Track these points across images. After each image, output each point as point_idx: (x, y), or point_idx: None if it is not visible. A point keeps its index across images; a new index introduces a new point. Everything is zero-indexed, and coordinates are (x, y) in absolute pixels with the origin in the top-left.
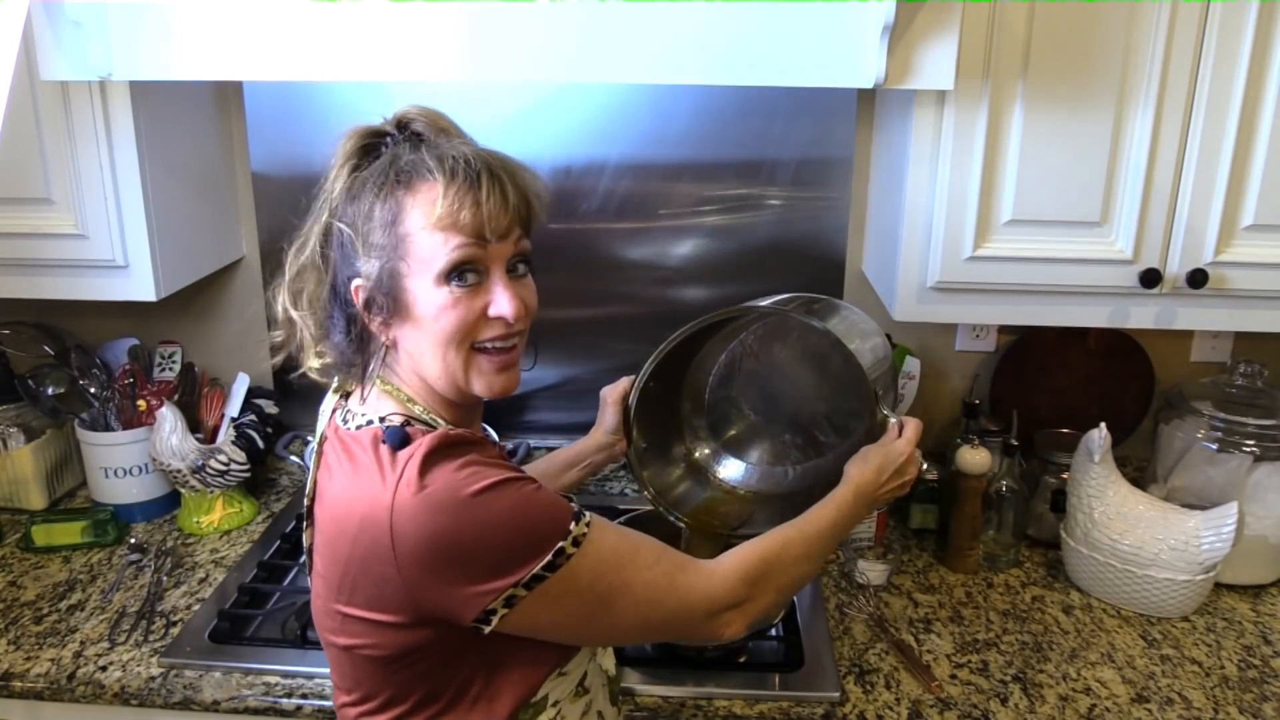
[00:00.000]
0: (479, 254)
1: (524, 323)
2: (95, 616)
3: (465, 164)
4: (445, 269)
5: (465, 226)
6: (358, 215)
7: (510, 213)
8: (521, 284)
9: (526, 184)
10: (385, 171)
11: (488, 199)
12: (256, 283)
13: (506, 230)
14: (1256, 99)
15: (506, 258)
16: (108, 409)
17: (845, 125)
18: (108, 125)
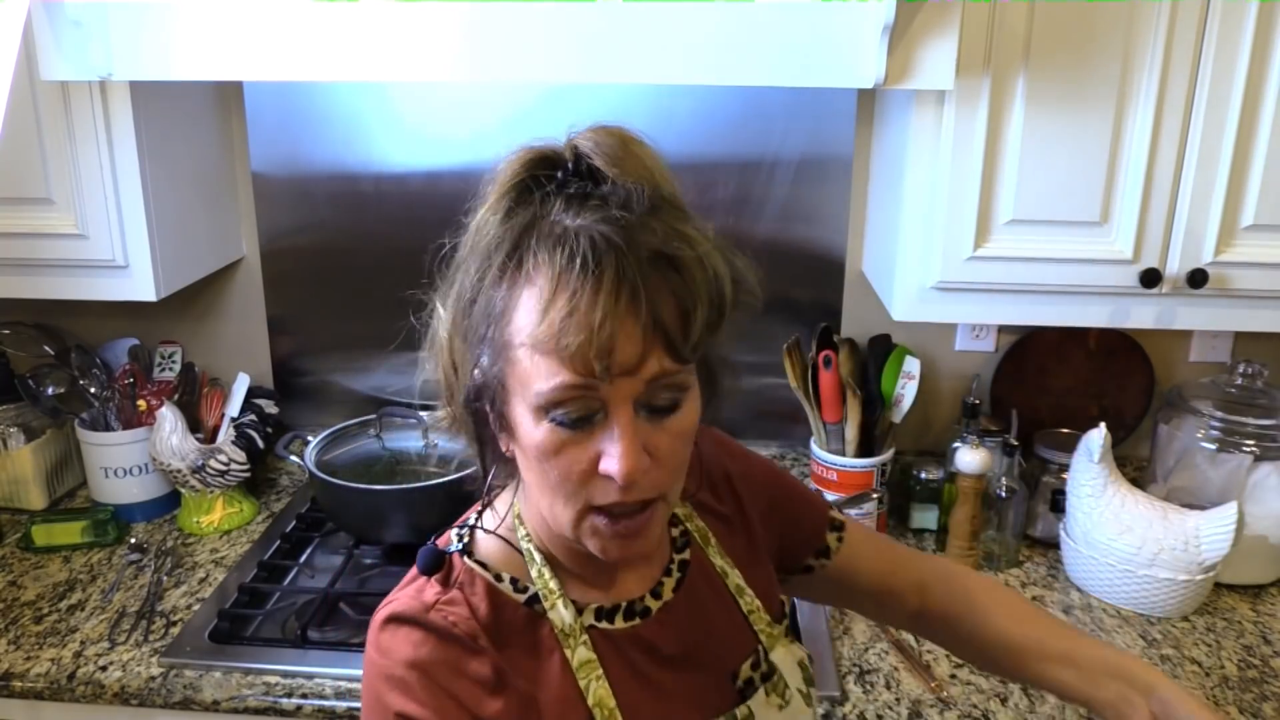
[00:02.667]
0: (583, 392)
1: (654, 483)
2: (95, 616)
3: (590, 251)
4: (541, 405)
5: (569, 356)
6: (471, 282)
7: (643, 335)
8: (659, 427)
9: (694, 285)
10: (510, 238)
11: (604, 320)
12: (257, 283)
13: (636, 362)
14: (1256, 99)
15: (635, 396)
16: (108, 409)
17: (845, 125)
18: (108, 125)
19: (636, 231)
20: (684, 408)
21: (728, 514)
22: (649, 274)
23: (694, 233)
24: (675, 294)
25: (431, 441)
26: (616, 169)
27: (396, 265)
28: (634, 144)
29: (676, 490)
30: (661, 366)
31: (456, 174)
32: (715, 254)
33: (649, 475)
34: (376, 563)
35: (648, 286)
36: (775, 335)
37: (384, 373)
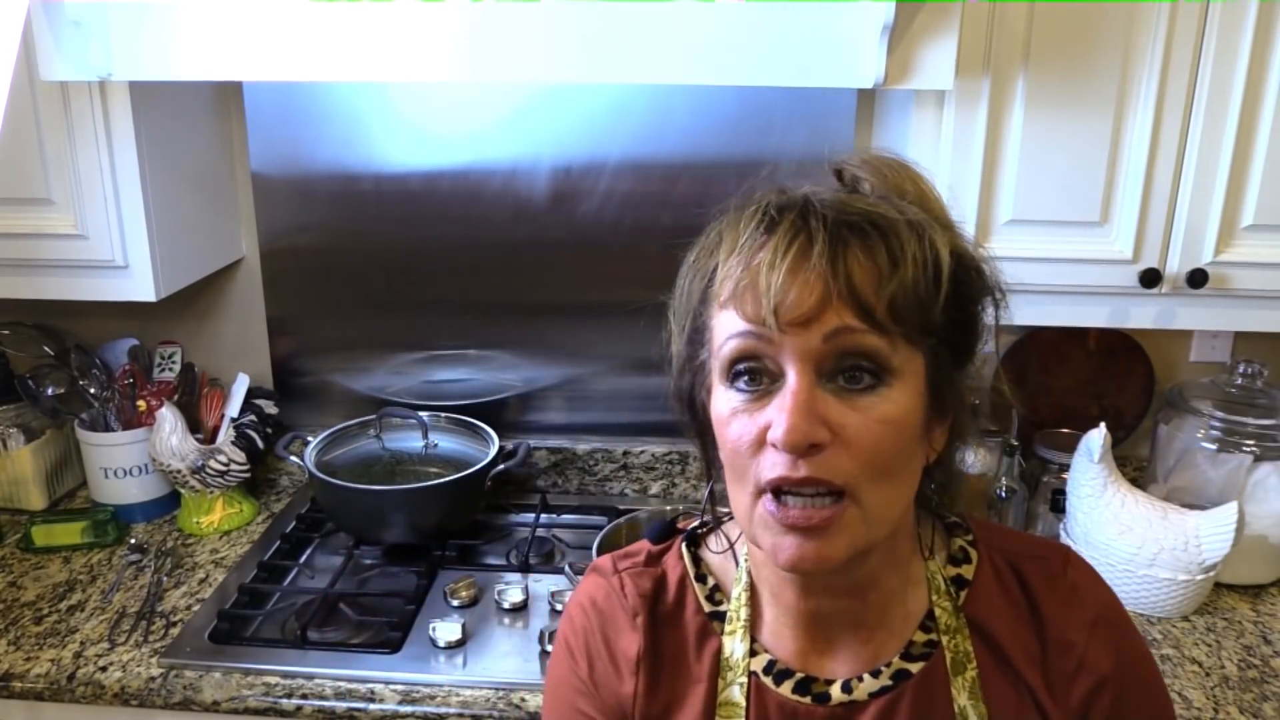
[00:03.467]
0: (757, 346)
1: (834, 466)
2: (95, 617)
3: (775, 206)
4: (723, 368)
5: (744, 303)
6: (682, 270)
7: (823, 285)
8: (849, 403)
9: (899, 246)
10: (722, 210)
11: (776, 261)
12: (256, 283)
13: (811, 312)
14: (1256, 99)
15: (814, 355)
16: (108, 409)
17: (845, 125)
18: (107, 125)
19: (847, 197)
20: (886, 394)
21: (1022, 670)
22: (842, 229)
23: (920, 215)
24: (872, 250)
25: (431, 442)
26: (878, 181)
27: (396, 265)
28: (903, 166)
29: (876, 495)
30: (843, 321)
31: (457, 174)
32: (941, 232)
33: (828, 453)
34: (376, 563)
35: (835, 239)
36: None
37: (384, 373)
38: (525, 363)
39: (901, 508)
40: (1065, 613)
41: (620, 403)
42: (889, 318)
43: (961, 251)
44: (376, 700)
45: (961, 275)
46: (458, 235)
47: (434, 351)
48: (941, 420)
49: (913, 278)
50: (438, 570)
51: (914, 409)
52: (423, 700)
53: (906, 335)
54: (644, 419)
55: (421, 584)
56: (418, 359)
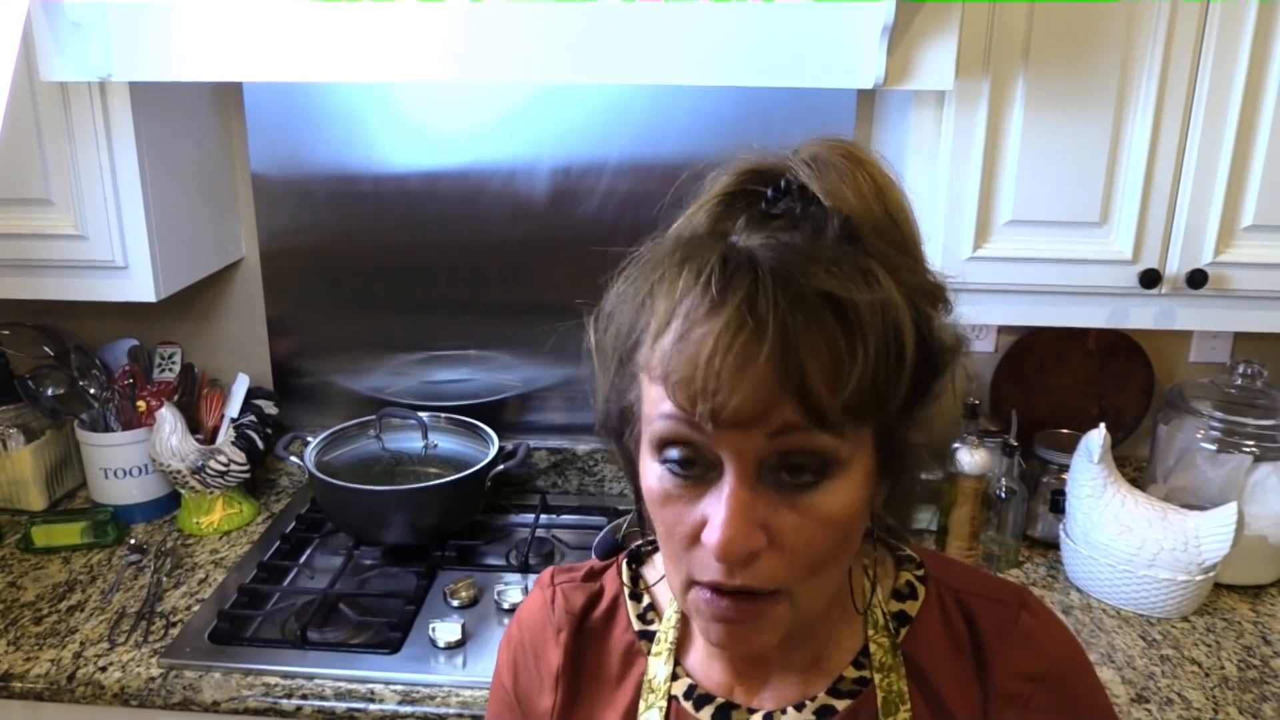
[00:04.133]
0: (692, 436)
1: (768, 573)
2: (95, 617)
3: (719, 270)
4: (653, 441)
5: (677, 391)
6: (611, 294)
7: (772, 381)
8: (789, 503)
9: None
10: (662, 249)
11: (714, 354)
12: (256, 283)
13: (755, 413)
14: (1256, 99)
15: (755, 454)
16: (107, 410)
17: (844, 125)
18: (107, 126)
19: (803, 260)
20: (829, 487)
21: (959, 717)
22: (797, 310)
23: (886, 277)
24: (829, 340)
25: (431, 442)
26: (833, 191)
27: (396, 266)
28: (868, 166)
29: (810, 589)
30: (789, 420)
31: (456, 174)
32: (905, 305)
33: (761, 561)
34: (376, 563)
35: (790, 324)
36: None
37: (384, 373)
38: (525, 363)
39: (835, 585)
40: (1013, 661)
41: None
42: (843, 415)
43: (925, 321)
44: (376, 700)
45: (926, 355)
46: (457, 235)
47: (434, 352)
48: (888, 476)
49: (872, 371)
50: (437, 571)
51: (859, 495)
52: (422, 700)
53: (859, 424)
54: None
55: (421, 584)
56: (417, 359)
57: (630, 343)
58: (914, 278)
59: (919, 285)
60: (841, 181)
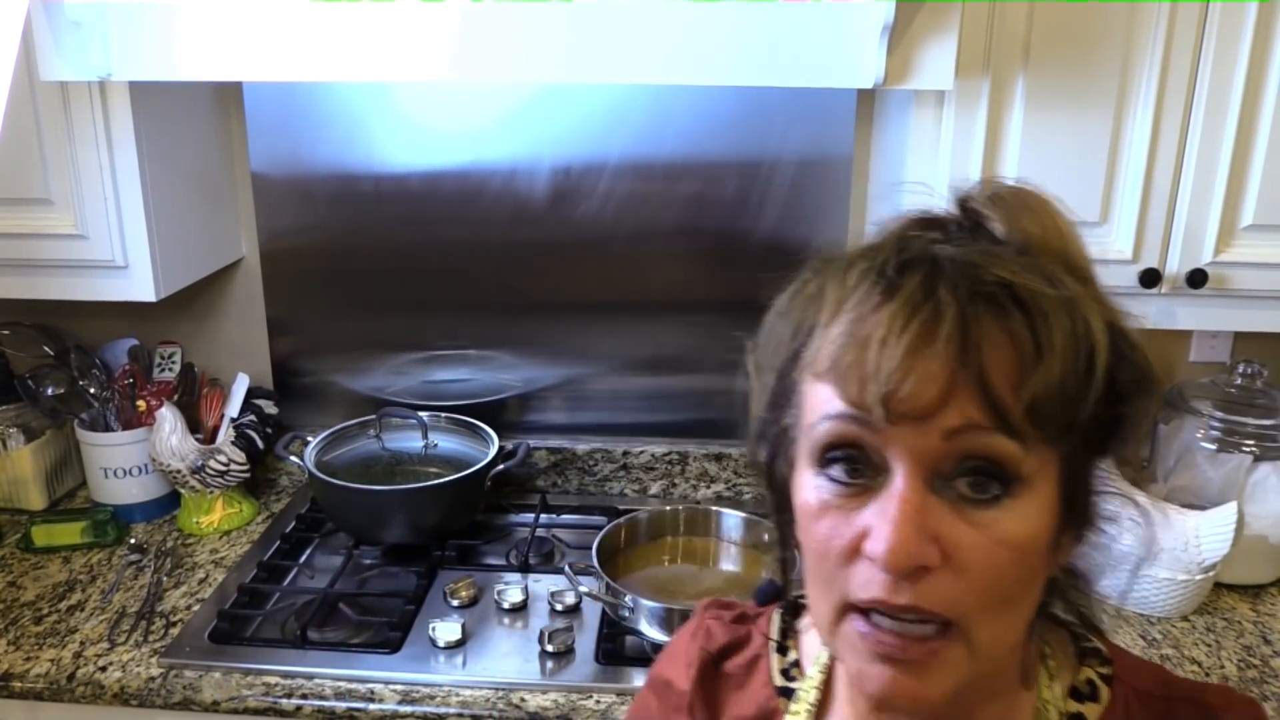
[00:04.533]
0: (859, 434)
1: (941, 593)
2: (95, 617)
3: (895, 262)
4: (813, 449)
5: (846, 381)
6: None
7: (947, 371)
8: (966, 517)
9: (1046, 331)
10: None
11: (890, 336)
12: (256, 283)
13: (931, 405)
14: (1256, 98)
15: (929, 455)
16: (107, 409)
17: (845, 125)
18: (107, 126)
19: (985, 256)
20: (1013, 506)
21: None
22: (978, 299)
23: (1074, 281)
24: (1013, 333)
25: (431, 442)
26: (1012, 223)
27: (397, 266)
28: (1048, 207)
29: (989, 629)
30: (969, 418)
31: (457, 174)
32: (1095, 307)
33: (934, 580)
34: (376, 563)
35: (970, 310)
36: None
37: (384, 373)
38: (525, 363)
39: (1016, 638)
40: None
41: (620, 403)
42: (1027, 419)
43: (1119, 332)
44: (376, 700)
45: (1118, 366)
46: (458, 235)
47: (433, 351)
48: (1072, 528)
49: (1061, 371)
50: (437, 570)
51: (1044, 525)
52: (422, 700)
53: (1045, 438)
54: (644, 419)
55: (421, 584)
56: (417, 359)
57: (794, 346)
58: (1102, 292)
59: (1108, 300)
60: (1021, 217)
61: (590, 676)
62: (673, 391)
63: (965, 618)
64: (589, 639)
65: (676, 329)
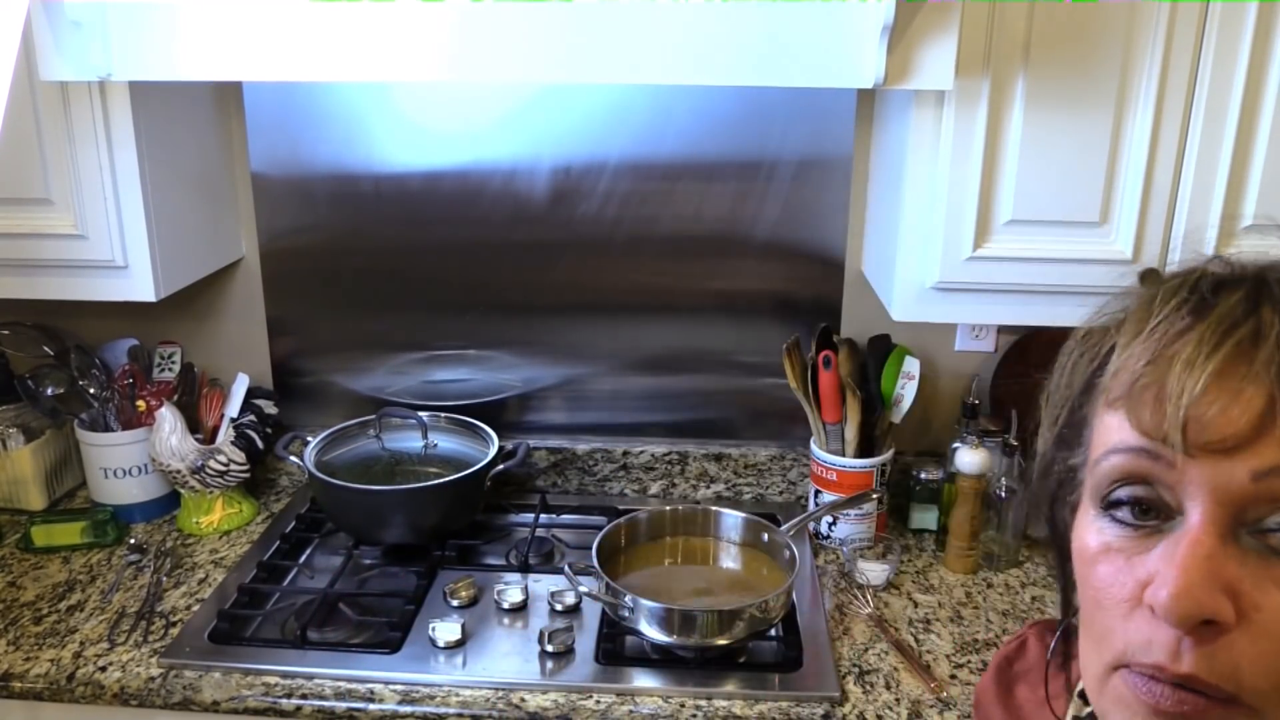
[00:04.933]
0: (1151, 469)
1: (1226, 659)
2: (95, 617)
3: (1207, 282)
4: (1098, 484)
5: (1139, 407)
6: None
7: (1262, 399)
8: (1270, 573)
9: None
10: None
11: (1198, 356)
12: (256, 283)
13: (1241, 437)
14: (1256, 98)
15: (1233, 497)
16: (107, 409)
17: (844, 125)
18: (107, 126)
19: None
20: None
21: None
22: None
23: None
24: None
25: (431, 442)
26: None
27: (396, 266)
28: None
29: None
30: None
31: (457, 174)
32: None
33: (1223, 644)
34: (376, 563)
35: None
36: (774, 335)
37: (384, 373)
38: (525, 363)
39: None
40: None
41: (620, 403)
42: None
43: None
44: (376, 700)
45: None
46: (457, 235)
47: (433, 351)
48: None
49: None
50: (437, 570)
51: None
52: (422, 700)
53: None
54: (643, 419)
55: (421, 584)
56: (417, 359)
57: (1089, 374)
58: None
59: None
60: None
61: (590, 676)
62: (673, 391)
63: (1260, 697)
64: (589, 639)
65: (676, 328)
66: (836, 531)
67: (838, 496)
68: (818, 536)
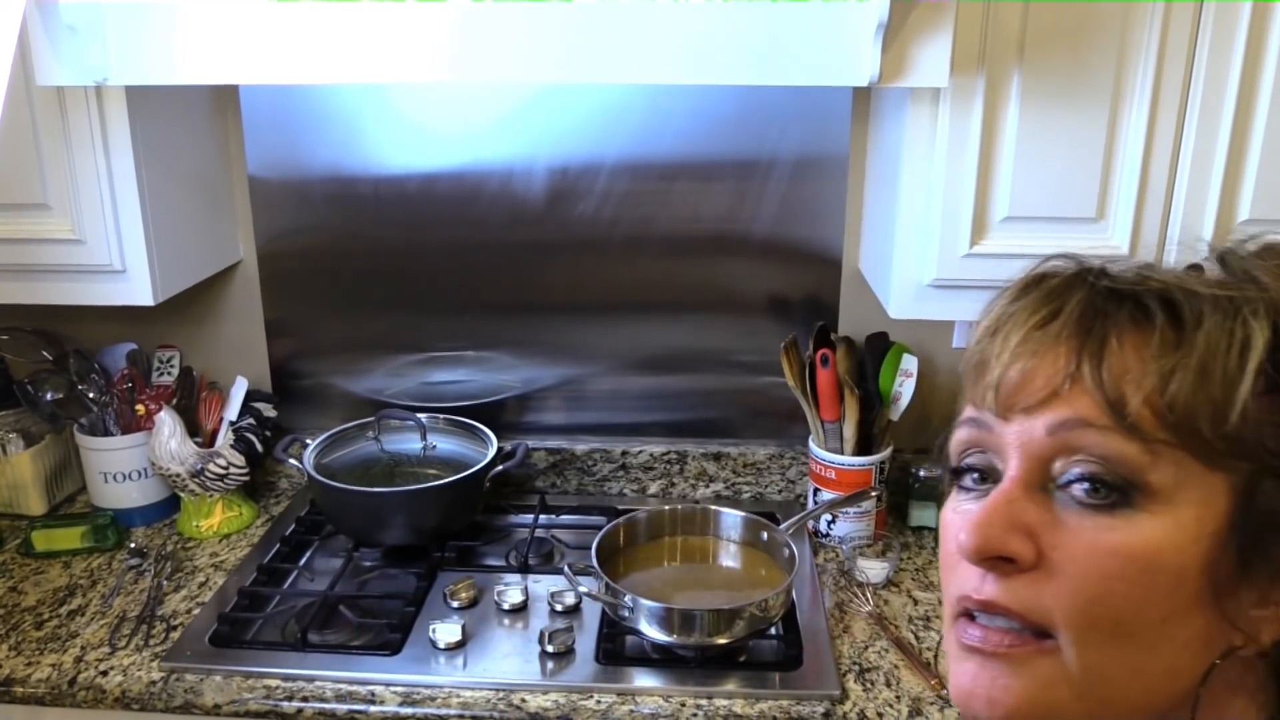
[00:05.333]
0: (979, 436)
1: (1025, 594)
2: (96, 621)
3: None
4: (950, 460)
5: (972, 383)
6: None
7: (1058, 361)
8: (1073, 523)
9: (1173, 320)
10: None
11: (1011, 331)
12: (254, 286)
13: (1037, 395)
14: (1251, 94)
15: (1035, 450)
16: (106, 414)
17: (841, 123)
18: (104, 130)
19: (1147, 273)
20: (1134, 518)
21: None
22: (1117, 301)
23: (1257, 292)
24: (1145, 328)
25: (430, 443)
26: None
27: (394, 267)
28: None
29: (1094, 656)
30: (1076, 413)
31: (454, 175)
32: (1262, 327)
33: (1027, 580)
34: (376, 565)
35: (1099, 303)
36: (772, 334)
37: (382, 375)
38: (523, 363)
39: (1141, 695)
40: None
41: (618, 403)
42: (1152, 418)
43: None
44: (377, 702)
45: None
46: (455, 236)
47: (432, 353)
48: (1270, 587)
49: (1199, 366)
50: (437, 572)
51: (1183, 550)
52: (423, 702)
53: (1186, 448)
54: (642, 419)
55: (421, 586)
56: (416, 360)
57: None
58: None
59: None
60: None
61: (591, 677)
62: (671, 391)
63: (1060, 630)
64: (589, 639)
65: (674, 328)
66: (836, 530)
67: (837, 495)
68: (817, 535)
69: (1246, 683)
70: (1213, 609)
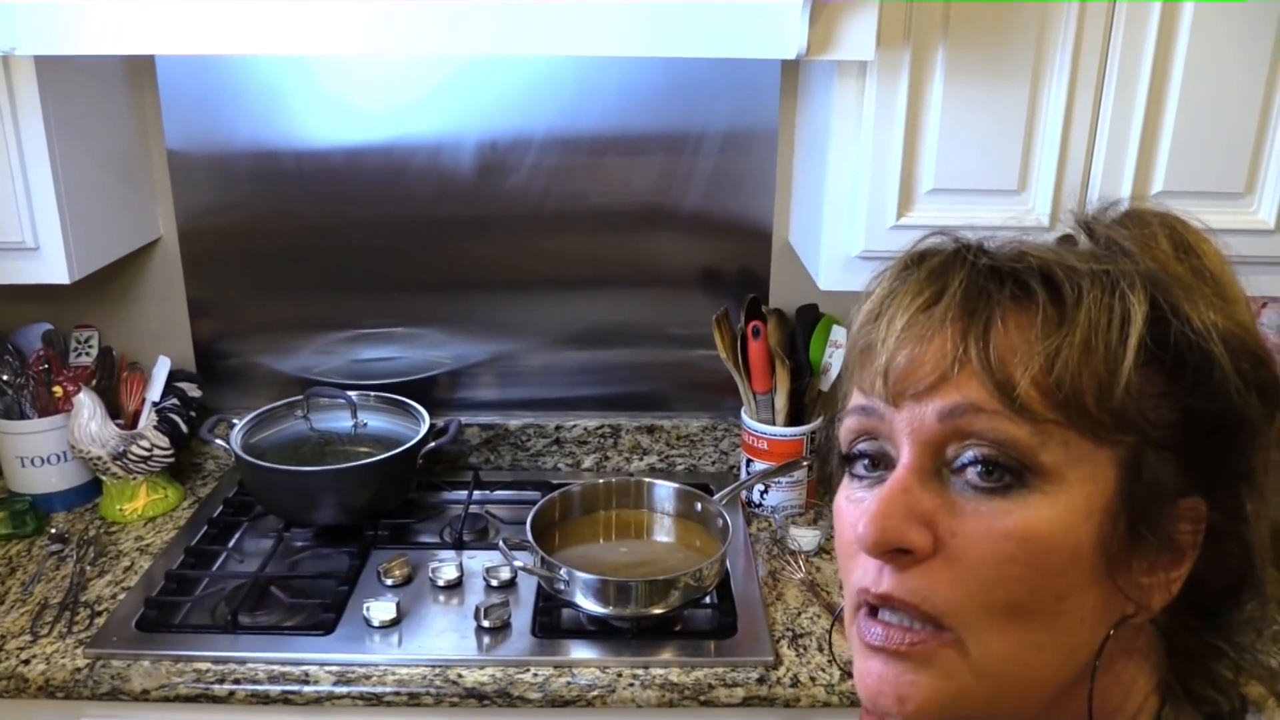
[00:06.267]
0: (870, 424)
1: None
2: (15, 610)
3: (917, 251)
4: (841, 448)
5: (860, 371)
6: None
7: (945, 345)
8: (968, 508)
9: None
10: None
11: (895, 315)
12: (175, 263)
13: (927, 380)
14: (1165, 70)
15: (928, 437)
16: (22, 396)
17: (770, 97)
18: (12, 102)
19: (1025, 249)
20: (1028, 499)
21: None
22: (999, 280)
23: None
24: (1028, 308)
25: (361, 421)
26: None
27: (320, 243)
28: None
29: (992, 641)
30: (966, 398)
31: (380, 149)
32: (1141, 280)
33: (919, 570)
34: (307, 545)
35: (981, 283)
36: (704, 307)
37: (310, 353)
38: (454, 339)
39: (1043, 672)
40: None
41: (551, 377)
42: (1040, 398)
43: (1186, 315)
44: (311, 682)
45: (1189, 348)
46: (382, 211)
47: (361, 330)
48: (1157, 556)
49: (1083, 343)
50: (370, 550)
51: (1075, 528)
52: (358, 680)
53: (1074, 426)
54: (575, 393)
55: (354, 564)
56: (344, 338)
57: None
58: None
59: (1229, 294)
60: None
61: (527, 650)
62: (604, 365)
63: (958, 619)
64: (525, 613)
65: (606, 302)
66: (768, 499)
67: (769, 465)
68: (750, 505)
69: (1138, 645)
70: (1106, 582)
